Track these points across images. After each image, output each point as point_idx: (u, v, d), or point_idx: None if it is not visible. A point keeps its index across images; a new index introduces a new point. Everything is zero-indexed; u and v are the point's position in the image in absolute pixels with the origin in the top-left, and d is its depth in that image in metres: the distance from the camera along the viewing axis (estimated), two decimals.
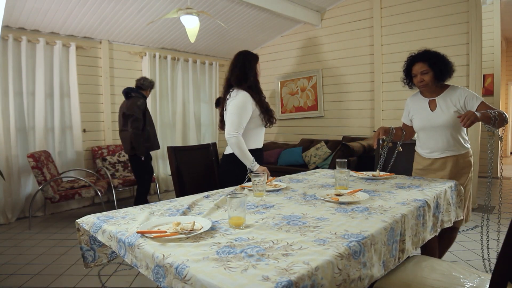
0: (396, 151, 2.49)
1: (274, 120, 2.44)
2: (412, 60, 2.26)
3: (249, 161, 2.30)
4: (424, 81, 2.19)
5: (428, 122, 2.24)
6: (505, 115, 1.99)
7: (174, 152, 2.37)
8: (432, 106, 2.25)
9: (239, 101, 2.28)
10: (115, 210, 1.57)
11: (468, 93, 2.14)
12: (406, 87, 2.45)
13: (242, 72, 2.37)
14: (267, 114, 2.38)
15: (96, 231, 1.38)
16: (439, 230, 1.84)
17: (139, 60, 5.65)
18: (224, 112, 2.39)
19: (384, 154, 2.52)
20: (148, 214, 1.50)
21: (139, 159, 4.26)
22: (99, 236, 1.36)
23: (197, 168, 2.54)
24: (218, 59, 6.79)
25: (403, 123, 2.52)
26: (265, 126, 2.43)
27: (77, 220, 1.50)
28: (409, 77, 2.35)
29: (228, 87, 2.41)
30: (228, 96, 2.37)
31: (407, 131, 2.49)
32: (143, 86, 4.43)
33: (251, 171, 2.30)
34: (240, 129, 2.28)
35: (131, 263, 1.17)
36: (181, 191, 2.36)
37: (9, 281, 2.65)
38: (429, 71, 2.16)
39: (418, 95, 2.37)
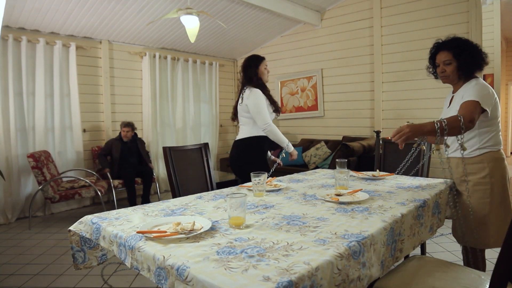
0: (429, 154, 2.30)
1: (280, 110, 2.92)
2: (437, 48, 1.99)
3: (284, 143, 2.77)
4: (445, 72, 1.94)
5: None
6: (462, 121, 1.64)
7: (170, 152, 2.37)
8: (451, 102, 2.02)
9: (257, 98, 2.75)
10: (107, 212, 1.56)
11: (468, 89, 1.85)
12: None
13: (247, 74, 2.87)
14: (273, 105, 2.84)
15: (98, 238, 1.38)
16: (436, 230, 1.85)
17: (139, 60, 5.66)
18: (239, 106, 2.85)
19: (411, 157, 2.28)
20: (142, 215, 1.51)
21: None
22: (101, 242, 1.36)
23: (192, 168, 2.54)
24: (218, 59, 6.79)
25: None
26: (273, 112, 2.85)
27: (70, 228, 1.49)
28: (434, 66, 2.05)
29: (242, 86, 2.91)
30: (242, 95, 2.84)
31: None
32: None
33: (286, 151, 2.79)
34: (269, 119, 2.76)
35: (132, 266, 1.17)
36: (177, 191, 2.36)
37: (9, 281, 2.65)
38: (453, 61, 1.90)
39: (451, 90, 2.10)
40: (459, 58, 1.88)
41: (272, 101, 2.84)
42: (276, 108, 2.86)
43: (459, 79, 1.94)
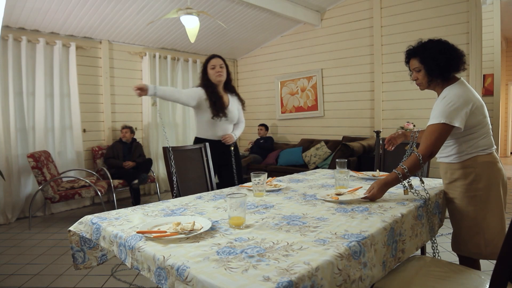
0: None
1: (221, 114, 2.79)
2: (407, 56, 1.93)
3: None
4: (418, 80, 1.87)
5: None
6: (420, 158, 1.66)
7: (170, 152, 2.37)
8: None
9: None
10: (107, 212, 1.57)
11: (436, 105, 1.77)
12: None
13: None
14: (214, 108, 2.76)
15: (98, 238, 1.38)
16: (438, 230, 1.85)
17: (139, 60, 5.65)
18: None
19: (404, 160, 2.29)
20: (142, 215, 1.51)
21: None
22: (101, 242, 1.36)
23: (192, 168, 2.54)
24: None
25: None
26: (212, 118, 2.79)
27: (70, 228, 1.49)
28: None
29: None
30: None
31: None
32: None
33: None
34: (183, 90, 2.80)
35: (132, 266, 1.17)
36: (177, 191, 2.36)
37: (9, 281, 2.65)
38: (421, 68, 1.82)
39: None
40: (425, 63, 1.79)
41: (212, 104, 2.76)
42: (215, 113, 2.76)
43: (431, 84, 1.84)
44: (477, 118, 1.74)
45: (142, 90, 2.45)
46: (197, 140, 2.90)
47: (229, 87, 2.96)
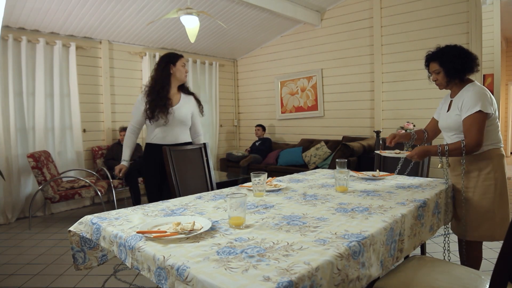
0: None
1: (158, 118, 2.65)
2: (427, 60, 2.10)
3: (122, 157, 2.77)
4: (437, 81, 2.06)
5: (442, 123, 2.14)
6: (463, 146, 1.87)
7: (170, 152, 2.37)
8: (450, 106, 2.08)
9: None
10: (107, 212, 1.57)
11: (467, 98, 1.92)
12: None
13: None
14: (150, 112, 2.65)
15: (98, 238, 1.38)
16: (437, 230, 1.85)
17: (139, 60, 5.65)
18: None
19: (402, 161, 2.36)
20: (142, 215, 1.51)
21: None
22: (101, 242, 1.36)
23: (192, 168, 2.54)
24: (218, 59, 6.79)
25: (433, 118, 2.31)
26: (145, 121, 2.74)
27: (70, 228, 1.49)
28: None
29: None
30: None
31: (431, 130, 2.28)
32: None
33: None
34: (131, 126, 2.79)
35: (132, 266, 1.17)
36: (177, 191, 2.36)
37: (9, 281, 2.65)
38: (441, 70, 2.01)
39: (449, 93, 2.18)
40: (444, 65, 1.99)
41: (148, 108, 2.64)
42: (150, 116, 2.64)
43: (449, 84, 2.04)
44: (494, 113, 1.93)
45: (122, 168, 2.72)
46: (148, 147, 2.78)
47: (184, 87, 2.85)
